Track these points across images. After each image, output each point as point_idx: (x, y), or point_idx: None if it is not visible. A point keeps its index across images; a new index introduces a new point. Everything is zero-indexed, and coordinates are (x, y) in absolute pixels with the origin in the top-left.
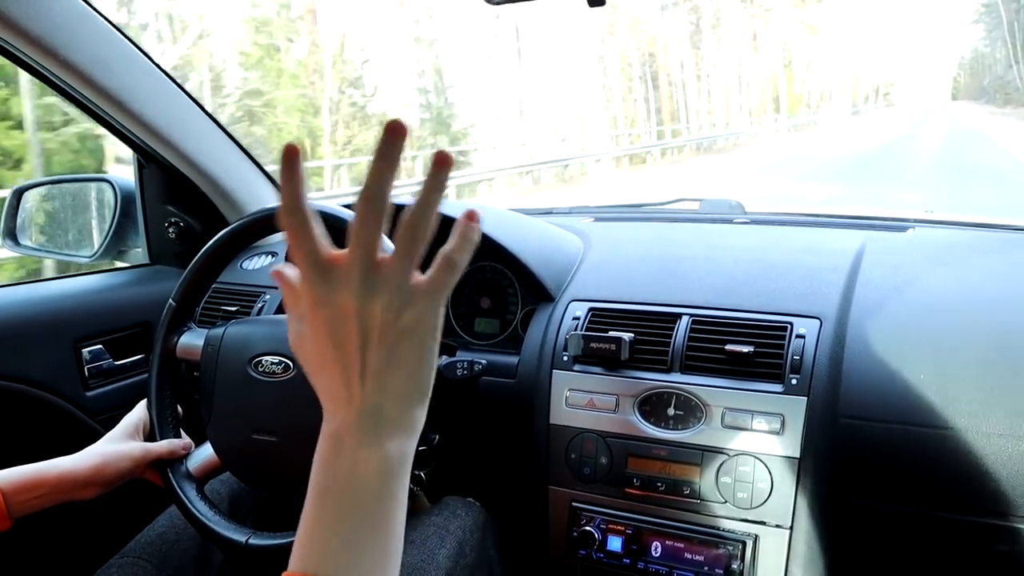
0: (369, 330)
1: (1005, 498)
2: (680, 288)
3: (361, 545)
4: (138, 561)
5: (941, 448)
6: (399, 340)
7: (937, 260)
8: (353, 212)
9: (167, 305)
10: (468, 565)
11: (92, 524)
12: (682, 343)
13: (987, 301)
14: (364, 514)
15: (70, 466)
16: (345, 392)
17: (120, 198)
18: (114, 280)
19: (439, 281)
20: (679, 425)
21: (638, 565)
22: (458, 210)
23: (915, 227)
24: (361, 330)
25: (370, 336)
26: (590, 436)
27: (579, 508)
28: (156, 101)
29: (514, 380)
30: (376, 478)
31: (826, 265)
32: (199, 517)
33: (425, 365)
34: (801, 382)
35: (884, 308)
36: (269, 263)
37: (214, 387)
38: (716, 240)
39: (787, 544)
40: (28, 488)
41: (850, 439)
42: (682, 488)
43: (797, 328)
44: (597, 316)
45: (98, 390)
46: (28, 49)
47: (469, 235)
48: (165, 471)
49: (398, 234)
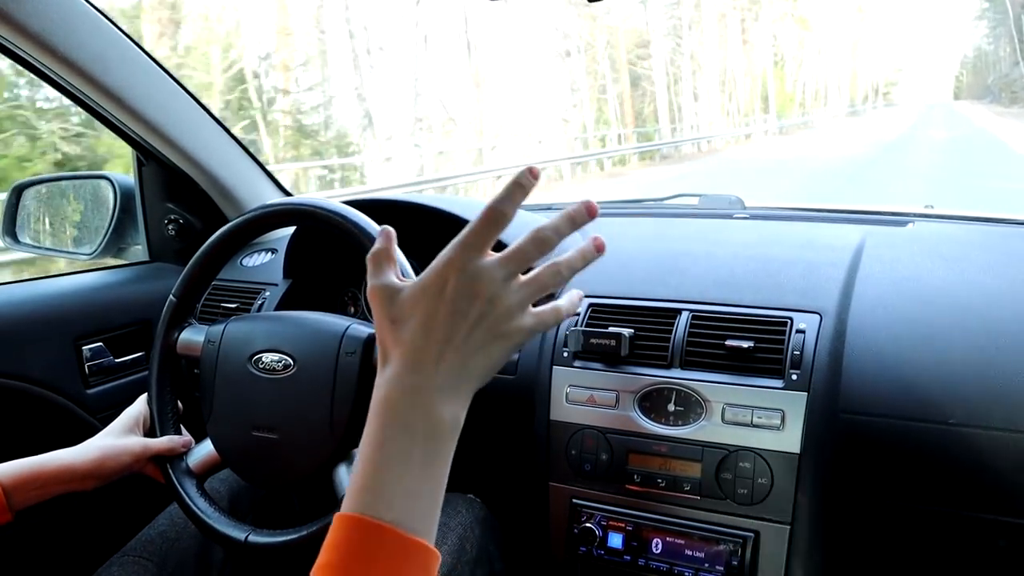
0: (486, 317)
1: (1006, 493)
2: (680, 283)
3: (420, 495)
4: (138, 560)
5: (942, 443)
6: (500, 336)
7: (937, 254)
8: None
9: (168, 301)
10: (469, 561)
11: (93, 523)
12: (682, 339)
13: (987, 295)
14: (430, 465)
15: (70, 459)
16: (437, 351)
17: (120, 195)
18: (114, 278)
19: (545, 317)
20: (679, 421)
21: (639, 562)
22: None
23: (915, 221)
24: (482, 312)
25: (484, 321)
26: (590, 432)
27: (579, 505)
28: (155, 98)
29: (514, 376)
30: (445, 434)
31: (826, 260)
32: (198, 514)
33: (502, 360)
34: (801, 377)
35: (884, 303)
36: (269, 260)
37: (214, 384)
38: (716, 235)
39: (788, 540)
40: (28, 480)
41: (851, 434)
42: (682, 484)
43: (797, 323)
44: (597, 312)
45: (98, 388)
46: (27, 46)
47: (588, 256)
48: (165, 467)
49: (545, 267)
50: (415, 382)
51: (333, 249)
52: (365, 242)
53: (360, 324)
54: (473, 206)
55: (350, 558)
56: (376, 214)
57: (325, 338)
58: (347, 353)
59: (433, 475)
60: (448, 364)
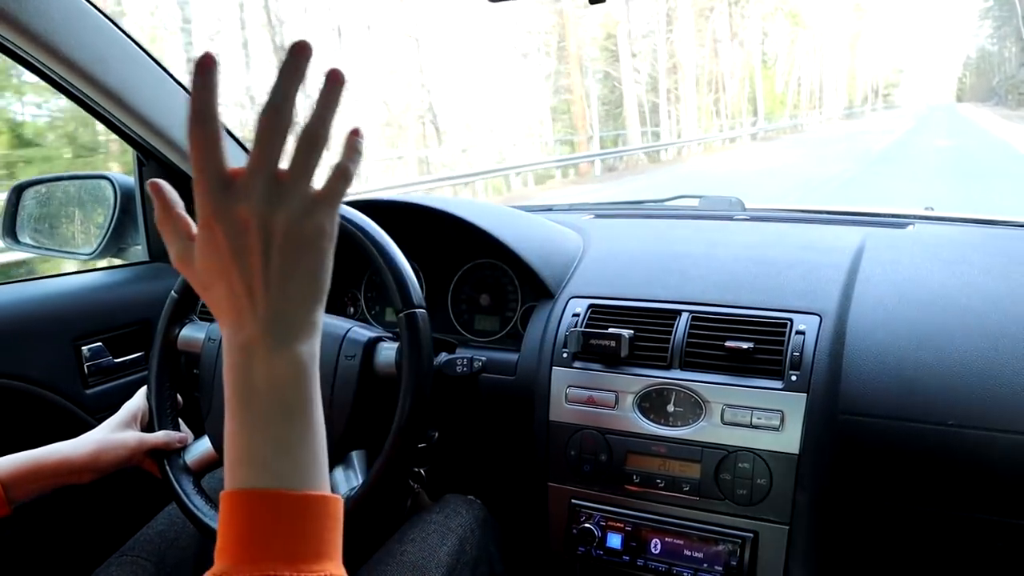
0: (271, 239)
1: (1004, 495)
2: (680, 285)
3: (294, 449)
4: (137, 559)
5: (941, 444)
6: (300, 248)
7: (937, 256)
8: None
9: (169, 297)
10: (469, 562)
11: (92, 523)
12: (682, 340)
13: (987, 297)
14: (290, 417)
15: (67, 452)
16: (248, 301)
17: (119, 196)
18: (113, 278)
19: (335, 190)
20: (679, 422)
21: (637, 562)
22: (345, 134)
23: (915, 223)
24: (263, 239)
25: (272, 245)
26: (590, 433)
27: (579, 505)
28: (156, 98)
29: (514, 377)
30: (296, 380)
31: (826, 262)
32: (194, 511)
33: (324, 270)
34: (801, 379)
35: (884, 304)
36: None
37: (214, 381)
38: (716, 237)
39: (786, 541)
40: (26, 474)
41: (850, 435)
42: (681, 485)
43: (797, 324)
44: (597, 313)
45: (98, 388)
46: (28, 46)
47: (356, 146)
48: (162, 463)
49: (296, 147)
50: (242, 339)
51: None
52: (367, 244)
53: (360, 327)
54: (474, 207)
55: (247, 534)
56: (377, 214)
57: (325, 341)
58: (347, 357)
59: (300, 424)
60: (265, 305)
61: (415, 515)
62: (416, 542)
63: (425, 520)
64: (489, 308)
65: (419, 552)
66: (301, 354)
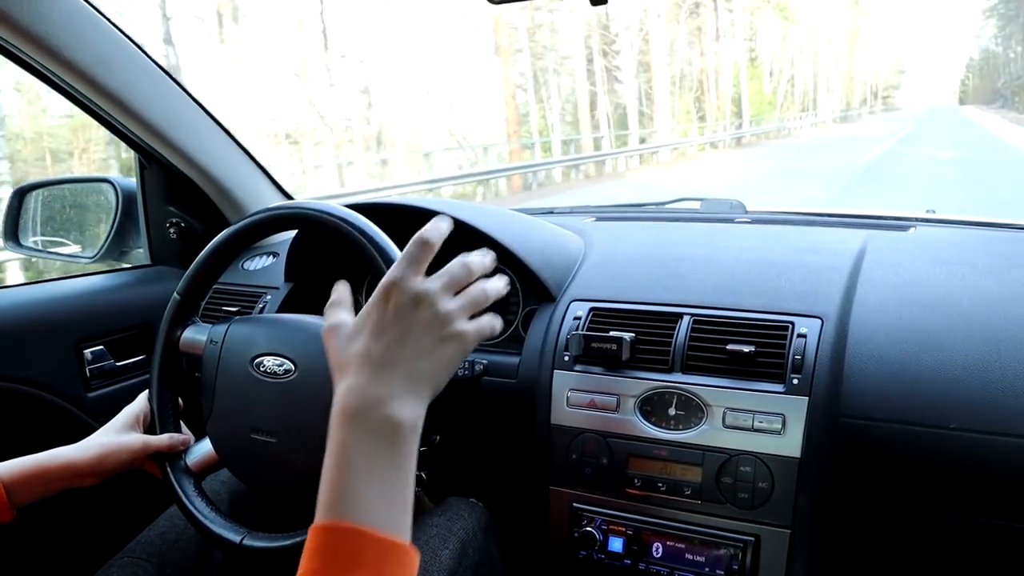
0: (431, 324)
1: (1006, 498)
2: (681, 288)
3: (393, 498)
4: (138, 561)
5: (943, 448)
6: (446, 339)
7: (939, 259)
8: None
9: (172, 298)
10: (471, 565)
11: (93, 524)
12: (683, 343)
13: (989, 300)
14: (396, 468)
15: (70, 456)
16: (391, 358)
17: (121, 199)
18: (115, 281)
19: (484, 326)
20: (680, 425)
21: (639, 566)
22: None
23: (917, 226)
24: (426, 318)
25: (431, 328)
26: (591, 436)
27: (580, 509)
28: (158, 101)
29: (515, 380)
30: (408, 435)
31: (827, 264)
32: (195, 514)
33: (451, 366)
34: (802, 382)
35: (886, 307)
36: (270, 264)
37: (215, 383)
38: (717, 240)
39: (788, 545)
40: (29, 478)
41: (852, 439)
42: (683, 488)
43: (798, 328)
44: (598, 316)
45: (99, 391)
46: (30, 49)
47: (501, 291)
48: (164, 465)
49: (474, 286)
50: (374, 390)
51: (334, 253)
52: (369, 247)
53: None
54: (474, 209)
55: (333, 564)
56: (377, 217)
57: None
58: None
59: (400, 476)
60: (402, 369)
61: (417, 518)
62: (418, 545)
63: (427, 523)
64: (490, 311)
65: (421, 555)
66: (416, 416)
